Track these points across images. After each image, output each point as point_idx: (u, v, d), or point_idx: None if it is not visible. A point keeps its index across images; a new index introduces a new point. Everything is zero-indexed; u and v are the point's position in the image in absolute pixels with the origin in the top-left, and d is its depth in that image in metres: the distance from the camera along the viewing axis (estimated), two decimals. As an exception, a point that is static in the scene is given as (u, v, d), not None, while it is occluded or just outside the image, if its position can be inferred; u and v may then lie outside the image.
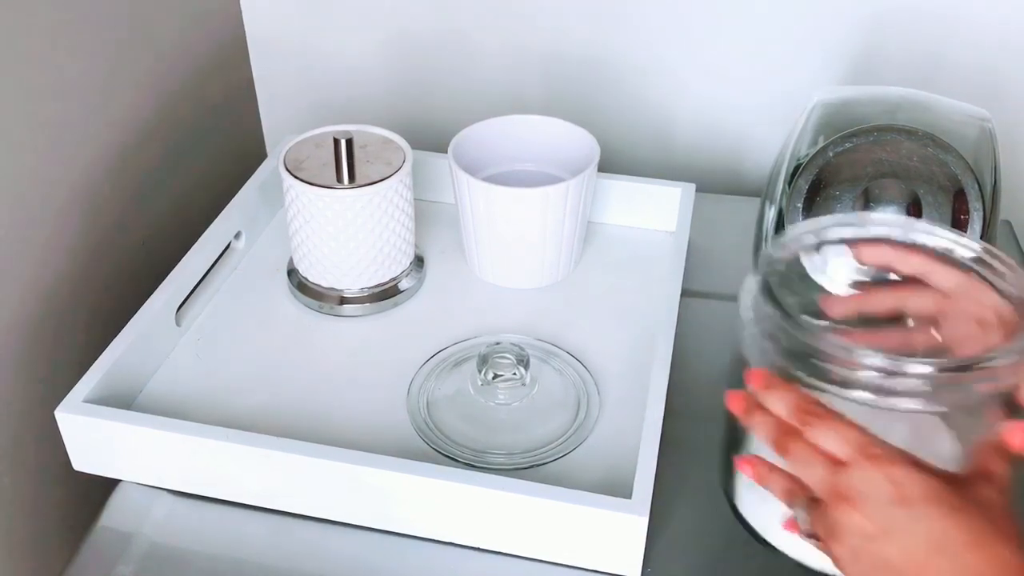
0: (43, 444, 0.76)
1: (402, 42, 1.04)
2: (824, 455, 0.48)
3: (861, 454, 0.46)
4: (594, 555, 0.60)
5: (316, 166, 0.76)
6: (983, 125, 0.70)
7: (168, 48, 0.92)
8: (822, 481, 0.47)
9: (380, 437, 0.67)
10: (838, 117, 0.71)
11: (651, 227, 0.88)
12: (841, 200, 0.67)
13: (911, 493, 0.45)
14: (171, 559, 0.63)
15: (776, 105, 0.96)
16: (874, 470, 0.46)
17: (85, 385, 0.65)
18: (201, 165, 1.00)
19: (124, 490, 0.67)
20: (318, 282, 0.78)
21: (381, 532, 0.64)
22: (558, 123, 0.83)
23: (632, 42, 0.99)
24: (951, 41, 0.93)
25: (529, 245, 0.79)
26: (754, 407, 0.51)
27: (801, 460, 0.48)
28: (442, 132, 0.85)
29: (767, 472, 0.52)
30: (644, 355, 0.73)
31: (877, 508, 0.45)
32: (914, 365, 0.47)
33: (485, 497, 0.59)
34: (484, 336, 0.75)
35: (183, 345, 0.75)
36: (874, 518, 0.45)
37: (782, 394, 0.50)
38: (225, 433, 0.62)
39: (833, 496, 0.47)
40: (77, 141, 0.81)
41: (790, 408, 0.49)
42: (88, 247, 0.83)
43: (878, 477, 0.45)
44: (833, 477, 0.47)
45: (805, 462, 0.48)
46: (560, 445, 0.67)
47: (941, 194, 0.66)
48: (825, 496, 0.47)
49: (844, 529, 0.46)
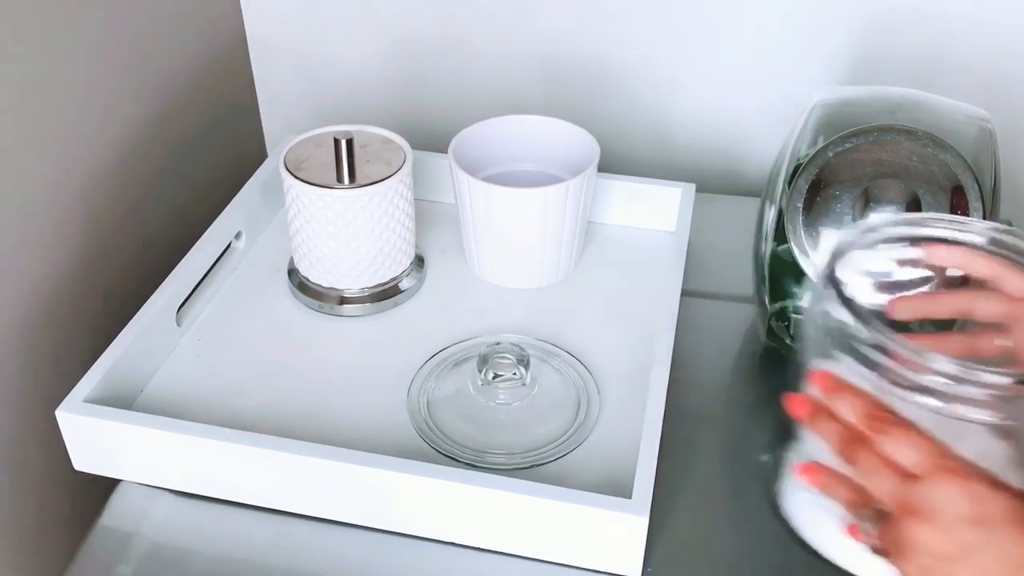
0: (43, 444, 0.76)
1: (402, 42, 1.04)
2: (895, 466, 0.45)
3: (937, 467, 0.44)
4: (594, 555, 0.60)
5: (316, 166, 0.76)
6: (983, 125, 0.70)
7: (169, 50, 0.92)
8: (892, 493, 0.45)
9: (380, 437, 0.67)
10: (838, 117, 0.71)
11: (651, 227, 0.88)
12: (841, 200, 0.67)
13: (990, 512, 0.43)
14: (171, 559, 0.63)
15: (776, 105, 0.97)
16: (951, 485, 0.43)
17: (85, 385, 0.65)
18: (202, 165, 1.00)
19: (124, 490, 0.67)
20: (318, 282, 0.78)
21: (381, 532, 0.64)
22: (558, 123, 0.83)
23: (632, 42, 0.99)
24: (951, 41, 0.93)
25: (529, 245, 0.79)
26: (819, 411, 0.49)
27: (871, 470, 0.46)
28: (442, 132, 0.85)
29: (831, 481, 0.49)
30: (644, 355, 0.73)
31: (953, 526, 0.43)
32: (988, 374, 0.45)
33: (485, 497, 0.59)
34: (484, 336, 0.75)
35: (183, 345, 0.75)
36: (949, 536, 0.43)
37: (851, 399, 0.47)
38: (225, 433, 0.62)
39: (904, 510, 0.45)
40: (79, 142, 0.81)
41: (860, 414, 0.47)
42: (89, 247, 0.83)
43: (955, 492, 0.43)
44: (905, 490, 0.44)
45: (875, 472, 0.46)
46: (560, 445, 0.67)
47: (941, 194, 0.66)
48: (895, 509, 0.45)
49: (915, 545, 0.44)
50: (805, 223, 0.68)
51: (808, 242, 0.68)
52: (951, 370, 0.45)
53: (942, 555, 0.43)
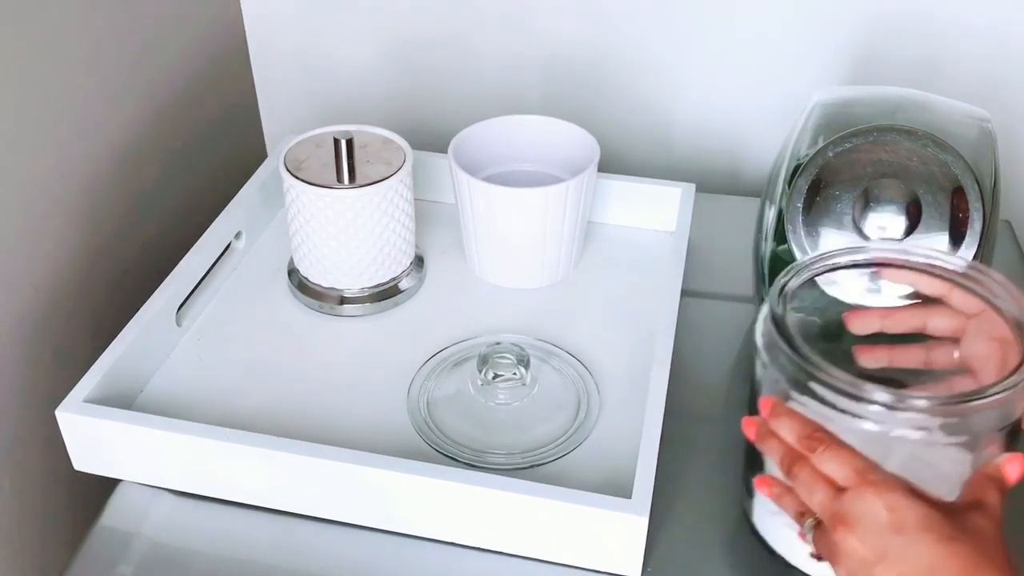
0: (44, 444, 0.76)
1: (402, 43, 1.04)
2: (828, 480, 0.50)
3: (860, 480, 0.48)
4: (594, 555, 0.60)
5: (316, 166, 0.76)
6: (983, 125, 0.70)
7: (170, 50, 0.92)
8: (823, 504, 0.50)
9: (380, 437, 0.67)
10: (838, 117, 0.71)
11: (651, 227, 0.88)
12: (841, 200, 0.67)
13: (906, 520, 0.46)
14: (171, 559, 0.63)
15: (776, 105, 0.96)
16: (871, 496, 0.47)
17: (85, 385, 0.65)
18: (202, 166, 1.00)
19: (124, 490, 0.67)
20: (318, 282, 0.78)
21: (381, 532, 0.64)
22: (558, 123, 0.83)
23: (632, 42, 0.99)
24: (951, 42, 0.93)
25: (529, 245, 0.79)
26: (766, 433, 0.54)
27: (806, 484, 0.51)
28: (442, 132, 0.85)
29: (782, 493, 0.54)
30: (644, 355, 0.73)
31: (872, 533, 0.47)
32: (915, 399, 0.49)
33: (485, 497, 0.59)
34: (484, 336, 0.75)
35: (183, 345, 0.75)
36: (869, 543, 0.47)
37: (788, 421, 0.52)
38: (225, 433, 0.62)
39: (833, 519, 0.49)
40: (80, 143, 0.81)
41: (796, 435, 0.52)
42: (89, 247, 0.83)
43: (875, 503, 0.47)
44: (833, 502, 0.49)
45: (809, 486, 0.50)
46: (560, 445, 0.67)
47: (941, 194, 0.66)
48: (827, 519, 0.49)
49: (843, 552, 0.48)
50: (805, 223, 0.68)
51: (808, 242, 0.68)
52: (884, 398, 0.49)
53: (864, 560, 0.47)
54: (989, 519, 0.48)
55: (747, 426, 0.56)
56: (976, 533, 0.46)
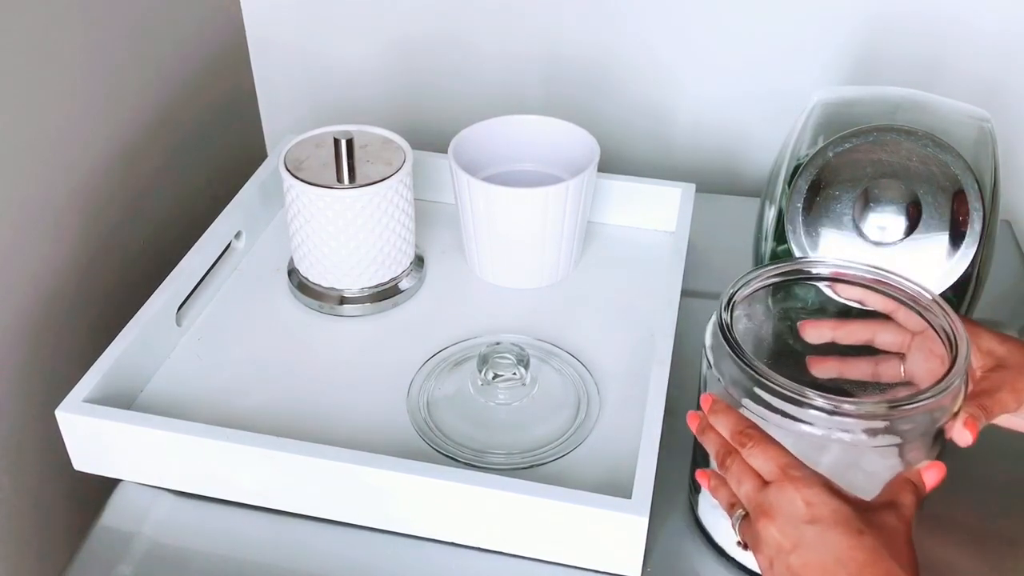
0: (43, 444, 0.76)
1: (402, 43, 1.04)
2: (755, 474, 0.53)
3: (783, 475, 0.51)
4: (594, 555, 0.60)
5: (316, 166, 0.76)
6: (983, 125, 0.70)
7: (170, 50, 0.92)
8: (748, 496, 0.53)
9: (380, 437, 0.67)
10: (838, 117, 0.71)
11: (651, 227, 0.88)
12: (841, 200, 0.67)
13: (820, 513, 0.49)
14: (171, 559, 0.63)
15: (776, 105, 0.96)
16: (791, 490, 0.50)
17: (85, 385, 0.65)
18: (202, 165, 1.00)
19: (124, 490, 0.67)
20: (318, 282, 0.78)
21: (381, 532, 0.64)
22: (558, 123, 0.83)
23: (632, 43, 0.99)
24: (951, 42, 0.93)
25: (529, 245, 0.79)
26: (705, 427, 0.57)
27: (735, 476, 0.54)
28: (442, 132, 0.85)
29: (718, 485, 0.57)
30: (644, 355, 0.73)
31: (791, 524, 0.50)
32: (851, 406, 0.52)
33: (485, 497, 0.59)
34: (484, 336, 0.75)
35: (183, 345, 0.75)
36: (787, 533, 0.50)
37: (724, 417, 0.56)
38: (225, 433, 0.62)
39: (757, 510, 0.52)
40: (79, 142, 0.81)
41: (730, 430, 0.55)
42: (89, 247, 0.83)
43: (794, 497, 0.50)
44: (758, 494, 0.52)
45: (738, 478, 0.53)
46: (560, 445, 0.67)
47: (941, 194, 0.66)
48: (752, 510, 0.52)
49: (763, 541, 0.51)
50: (805, 223, 0.68)
51: (808, 242, 0.68)
52: (821, 404, 0.52)
53: (781, 548, 0.50)
54: (900, 519, 0.50)
55: (691, 420, 0.58)
56: (884, 529, 0.49)
